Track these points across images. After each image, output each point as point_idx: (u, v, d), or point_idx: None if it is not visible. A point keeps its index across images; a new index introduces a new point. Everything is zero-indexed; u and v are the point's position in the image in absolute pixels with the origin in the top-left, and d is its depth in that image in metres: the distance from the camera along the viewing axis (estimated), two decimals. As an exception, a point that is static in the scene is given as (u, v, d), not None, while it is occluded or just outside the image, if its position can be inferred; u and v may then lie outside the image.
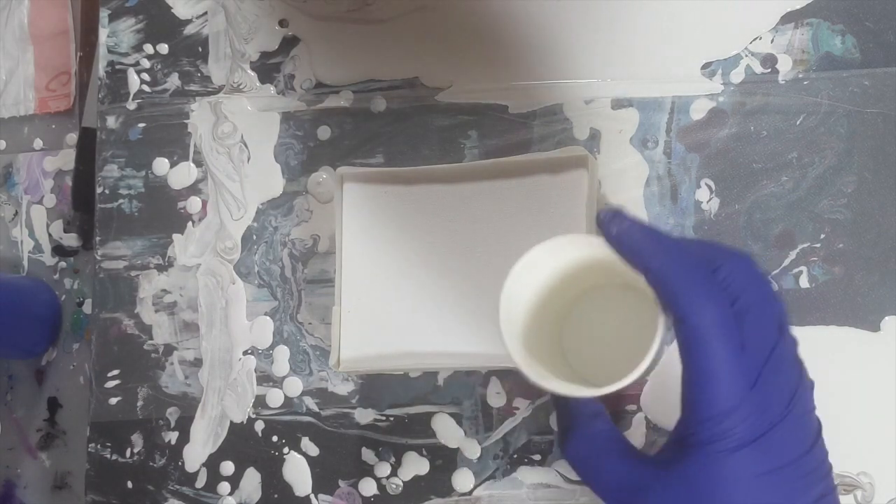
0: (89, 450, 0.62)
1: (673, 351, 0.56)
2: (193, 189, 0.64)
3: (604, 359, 0.47)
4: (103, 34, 0.67)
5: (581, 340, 0.48)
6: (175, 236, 0.63)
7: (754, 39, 0.58)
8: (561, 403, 0.44)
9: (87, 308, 0.72)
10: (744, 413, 0.33)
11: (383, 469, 0.58)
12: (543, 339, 0.45)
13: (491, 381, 0.57)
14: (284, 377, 0.60)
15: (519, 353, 0.40)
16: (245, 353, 0.61)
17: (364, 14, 0.63)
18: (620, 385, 0.38)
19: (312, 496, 0.58)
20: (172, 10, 0.66)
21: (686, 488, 0.35)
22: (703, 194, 0.57)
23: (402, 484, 0.57)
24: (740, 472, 0.34)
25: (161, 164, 0.64)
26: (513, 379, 0.57)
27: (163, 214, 0.64)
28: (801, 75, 0.57)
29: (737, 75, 0.58)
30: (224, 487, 0.59)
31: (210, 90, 0.65)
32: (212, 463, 0.60)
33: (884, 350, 0.53)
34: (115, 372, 0.62)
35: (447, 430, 0.57)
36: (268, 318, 0.61)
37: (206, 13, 0.66)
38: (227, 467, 0.60)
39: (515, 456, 0.56)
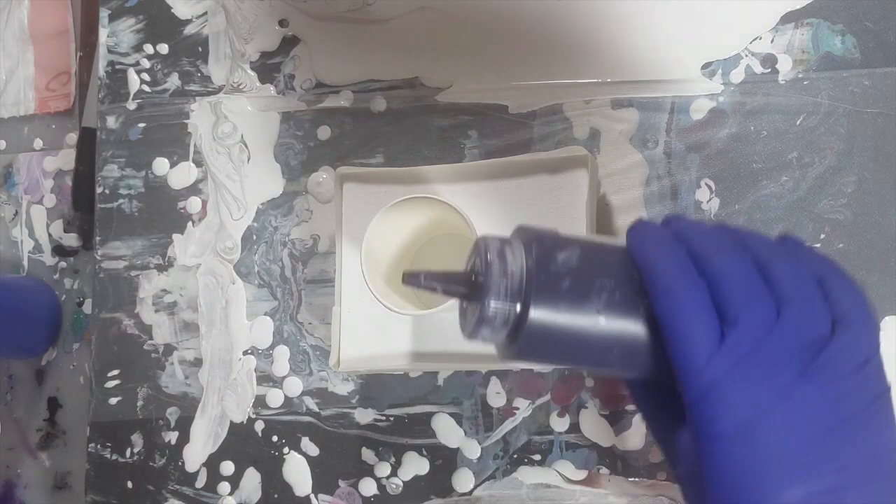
0: (89, 450, 0.62)
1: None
2: (193, 189, 0.64)
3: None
4: (103, 34, 0.67)
5: None
6: (175, 236, 0.63)
7: (754, 39, 0.58)
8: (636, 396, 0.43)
9: (87, 308, 0.72)
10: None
11: (383, 469, 0.58)
12: (399, 278, 0.52)
13: (491, 381, 0.57)
14: (284, 377, 0.60)
15: (377, 288, 0.51)
16: (245, 353, 0.61)
17: (364, 14, 0.63)
18: (447, 305, 0.49)
19: (312, 496, 0.58)
20: (172, 10, 0.66)
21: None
22: (703, 194, 0.57)
23: (402, 484, 0.57)
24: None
25: (161, 164, 0.64)
26: (513, 379, 0.57)
27: (163, 214, 0.64)
28: (801, 75, 0.57)
29: (737, 75, 0.58)
30: (224, 487, 0.59)
31: (210, 90, 0.65)
32: (212, 463, 0.60)
33: (884, 350, 0.53)
34: (115, 372, 0.62)
35: (447, 430, 0.57)
36: (268, 318, 0.61)
37: (206, 13, 0.66)
38: (227, 467, 0.60)
39: (515, 456, 0.56)
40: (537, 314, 0.34)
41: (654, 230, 0.36)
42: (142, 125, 0.65)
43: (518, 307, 0.35)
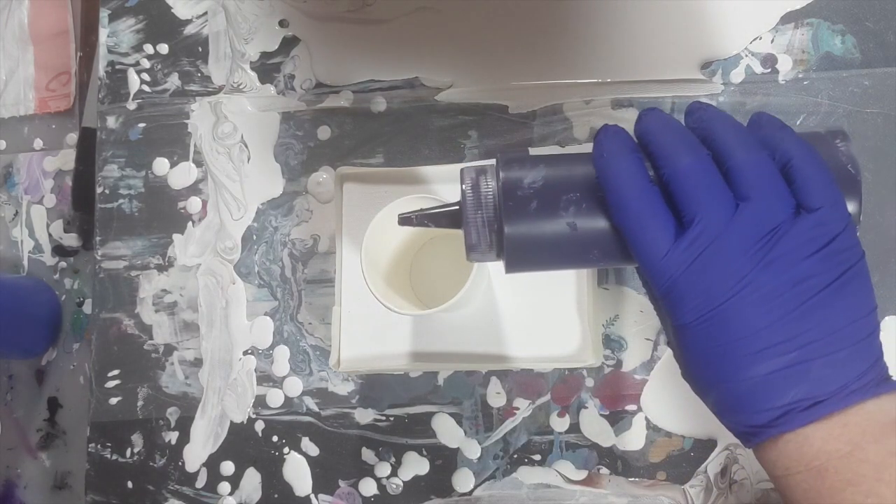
0: (89, 450, 0.62)
1: (671, 356, 0.56)
2: (193, 189, 0.64)
3: (438, 289, 0.57)
4: (103, 34, 0.67)
5: (423, 278, 0.59)
6: (175, 236, 0.63)
7: (754, 39, 0.58)
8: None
9: (87, 308, 0.72)
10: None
11: (383, 469, 0.58)
12: (399, 278, 0.56)
13: (491, 381, 0.57)
14: (284, 377, 0.60)
15: (377, 288, 0.51)
16: (245, 353, 0.61)
17: (364, 14, 0.63)
18: (446, 306, 0.49)
19: (312, 496, 0.58)
20: (172, 10, 0.66)
21: None
22: (703, 194, 0.57)
23: (402, 484, 0.57)
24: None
25: (161, 164, 0.64)
26: (513, 379, 0.57)
27: (163, 214, 0.64)
28: (801, 75, 0.57)
29: (737, 75, 0.58)
30: (224, 487, 0.59)
31: (210, 90, 0.65)
32: (212, 463, 0.60)
33: (884, 350, 0.53)
34: (115, 372, 0.62)
35: (447, 430, 0.57)
36: (268, 318, 0.61)
37: (206, 13, 0.66)
38: (227, 467, 0.60)
39: (515, 456, 0.56)
40: (512, 236, 0.38)
41: (614, 140, 0.37)
42: (142, 125, 0.65)
43: (495, 233, 0.39)
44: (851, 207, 0.36)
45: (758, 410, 0.34)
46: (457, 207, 0.41)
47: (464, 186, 0.39)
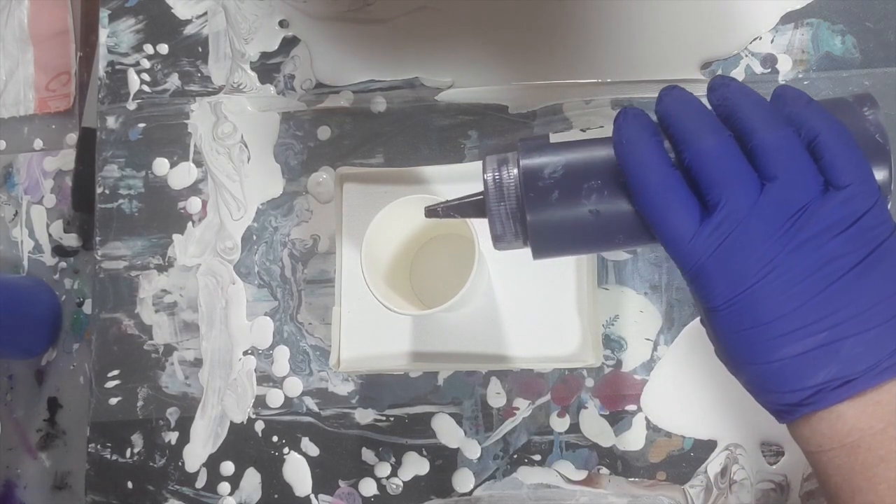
0: (89, 450, 0.62)
1: (671, 357, 0.56)
2: (193, 189, 0.64)
3: (438, 289, 0.57)
4: (103, 34, 0.67)
5: (423, 278, 0.59)
6: (175, 236, 0.63)
7: (754, 39, 0.58)
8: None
9: (87, 308, 0.72)
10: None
11: (383, 469, 0.58)
12: (399, 278, 0.57)
13: (491, 381, 0.57)
14: (284, 377, 0.60)
15: (377, 288, 0.51)
16: (245, 353, 0.61)
17: (364, 14, 0.63)
18: (446, 306, 0.49)
19: (312, 496, 0.58)
20: (172, 10, 0.66)
21: None
22: (703, 194, 0.57)
23: (402, 484, 0.57)
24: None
25: (161, 164, 0.64)
26: (513, 379, 0.57)
27: (163, 214, 0.64)
28: (801, 75, 0.57)
29: (737, 75, 0.58)
30: (224, 487, 0.59)
31: (210, 90, 0.65)
32: (212, 463, 0.60)
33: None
34: (115, 372, 0.62)
35: (447, 430, 0.57)
36: (268, 318, 0.61)
37: (206, 13, 0.66)
38: (227, 467, 0.60)
39: (515, 456, 0.56)
40: (536, 227, 0.38)
41: (633, 124, 0.36)
42: (142, 125, 0.65)
43: (519, 222, 0.38)
44: (881, 178, 0.35)
45: (789, 390, 0.34)
46: (481, 197, 0.40)
47: (486, 177, 0.39)
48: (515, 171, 0.38)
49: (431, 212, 0.43)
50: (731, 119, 0.35)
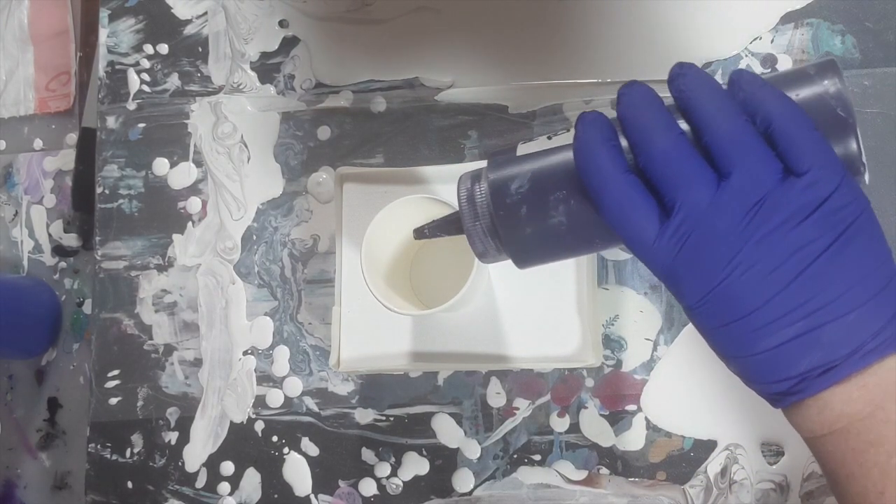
0: (89, 450, 0.62)
1: (671, 357, 0.56)
2: (193, 189, 0.64)
3: (438, 289, 0.57)
4: (103, 34, 0.67)
5: (423, 278, 0.59)
6: (175, 236, 0.63)
7: (754, 39, 0.58)
8: None
9: (87, 308, 0.72)
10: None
11: (383, 469, 0.58)
12: (399, 278, 0.57)
13: (491, 381, 0.57)
14: (284, 377, 0.60)
15: (377, 288, 0.51)
16: (245, 353, 0.61)
17: (364, 14, 0.63)
18: (446, 306, 0.50)
19: (312, 496, 0.58)
20: (172, 10, 0.66)
21: None
22: (703, 194, 0.57)
23: (402, 484, 0.57)
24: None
25: (161, 164, 0.64)
26: (513, 379, 0.57)
27: (163, 214, 0.64)
28: (801, 75, 0.57)
29: (737, 75, 0.58)
30: (224, 487, 0.59)
31: (210, 90, 0.65)
32: (212, 463, 0.60)
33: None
34: (115, 372, 0.62)
35: (447, 430, 0.57)
36: (268, 318, 0.61)
37: (206, 13, 0.66)
38: (227, 467, 0.60)
39: (515, 456, 0.56)
40: (510, 243, 0.39)
41: (589, 130, 0.36)
42: (142, 125, 0.65)
43: (498, 238, 0.39)
44: (846, 153, 0.34)
45: (774, 381, 0.34)
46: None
47: (459, 196, 0.39)
48: (486, 186, 0.39)
49: (420, 233, 0.44)
50: (687, 112, 0.35)
